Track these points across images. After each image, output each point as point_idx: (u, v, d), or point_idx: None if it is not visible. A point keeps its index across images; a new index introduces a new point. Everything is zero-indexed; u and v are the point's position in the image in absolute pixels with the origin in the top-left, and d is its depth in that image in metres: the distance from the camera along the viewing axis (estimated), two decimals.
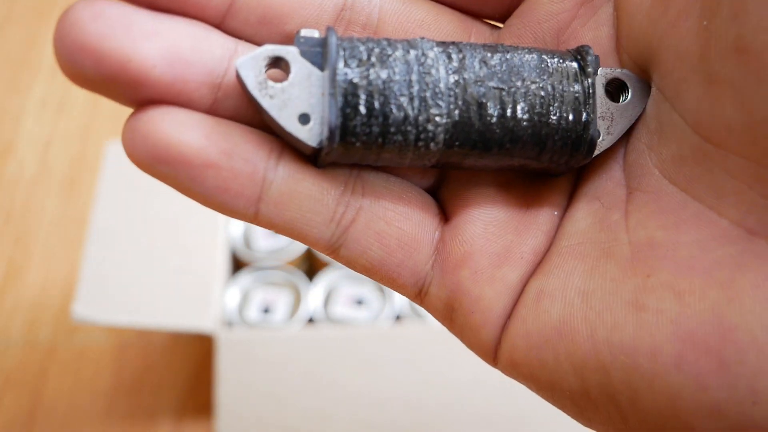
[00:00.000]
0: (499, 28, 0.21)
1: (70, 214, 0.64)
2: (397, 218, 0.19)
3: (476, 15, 0.21)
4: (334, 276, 0.54)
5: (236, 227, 0.56)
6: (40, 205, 0.65)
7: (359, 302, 0.53)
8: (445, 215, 0.20)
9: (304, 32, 0.18)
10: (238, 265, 0.56)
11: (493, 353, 0.19)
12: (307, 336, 0.50)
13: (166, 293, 0.50)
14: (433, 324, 0.50)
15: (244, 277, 0.54)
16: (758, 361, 0.15)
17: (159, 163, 0.17)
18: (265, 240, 0.56)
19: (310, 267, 0.57)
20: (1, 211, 0.65)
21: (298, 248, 0.55)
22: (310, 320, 0.52)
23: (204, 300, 0.50)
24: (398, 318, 0.53)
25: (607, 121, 0.19)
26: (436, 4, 0.21)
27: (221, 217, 0.54)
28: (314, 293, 0.53)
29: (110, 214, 0.52)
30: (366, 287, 0.54)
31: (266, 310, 0.53)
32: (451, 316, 0.19)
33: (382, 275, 0.19)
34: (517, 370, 0.18)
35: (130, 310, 0.48)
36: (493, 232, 0.19)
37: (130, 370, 0.56)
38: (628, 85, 0.19)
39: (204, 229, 0.53)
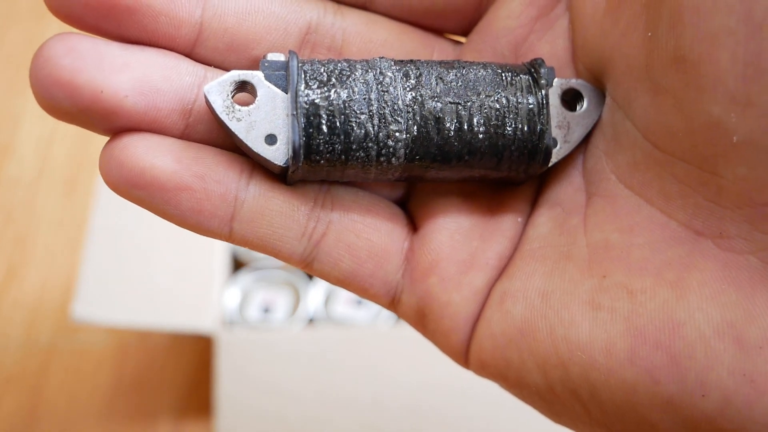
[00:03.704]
0: (461, 43, 0.22)
1: (70, 214, 0.64)
2: (366, 230, 0.20)
3: (439, 31, 0.22)
4: None
5: None
6: (40, 205, 0.65)
7: (359, 302, 0.53)
8: (413, 226, 0.21)
9: (270, 56, 0.18)
10: (238, 265, 0.56)
11: (464, 355, 0.20)
12: (307, 336, 0.50)
13: (166, 293, 0.50)
14: None
15: (244, 277, 0.54)
16: (706, 356, 0.16)
17: (134, 188, 0.18)
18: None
19: None
20: (1, 211, 0.65)
21: None
22: (310, 320, 0.52)
23: (204, 300, 0.50)
24: (398, 318, 0.52)
25: (564, 130, 0.19)
26: (398, 24, 0.21)
27: None
28: (314, 293, 0.53)
29: (110, 214, 0.52)
30: None
31: (266, 310, 0.53)
32: (423, 322, 0.20)
33: (355, 286, 0.20)
34: (486, 370, 0.19)
35: (130, 310, 0.48)
36: (459, 240, 0.20)
37: (130, 370, 0.56)
38: (584, 95, 0.19)
39: None
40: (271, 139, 0.18)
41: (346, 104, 0.18)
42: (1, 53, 0.73)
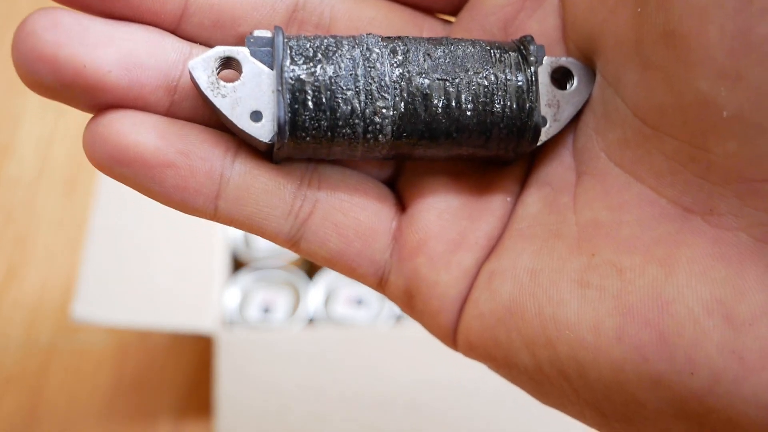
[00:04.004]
0: (451, 23, 0.22)
1: (70, 214, 0.64)
2: (353, 209, 0.19)
3: (428, 10, 0.22)
4: (334, 276, 0.54)
5: None
6: (40, 205, 0.65)
7: (359, 302, 0.53)
8: (402, 205, 0.21)
9: (257, 33, 0.18)
10: (238, 265, 0.56)
11: (452, 336, 0.20)
12: (307, 336, 0.50)
13: (166, 293, 0.50)
14: None
15: (244, 277, 0.54)
16: (695, 333, 0.15)
17: (118, 165, 0.17)
18: (265, 239, 0.56)
19: (310, 267, 0.57)
20: (1, 211, 0.65)
21: None
22: (310, 320, 0.52)
23: (204, 300, 0.50)
24: (398, 318, 0.52)
25: (554, 109, 0.19)
26: (387, 2, 0.21)
27: None
28: (314, 293, 0.53)
29: (110, 214, 0.52)
30: (366, 287, 0.54)
31: (266, 310, 0.53)
32: (411, 302, 0.20)
33: (343, 265, 0.20)
34: (474, 350, 0.19)
35: (130, 310, 0.48)
36: (448, 219, 0.20)
37: (130, 370, 0.56)
38: (574, 73, 0.19)
39: (204, 229, 0.53)
40: (256, 116, 0.18)
41: (332, 80, 0.18)
42: (1, 53, 0.73)
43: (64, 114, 0.71)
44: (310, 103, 0.18)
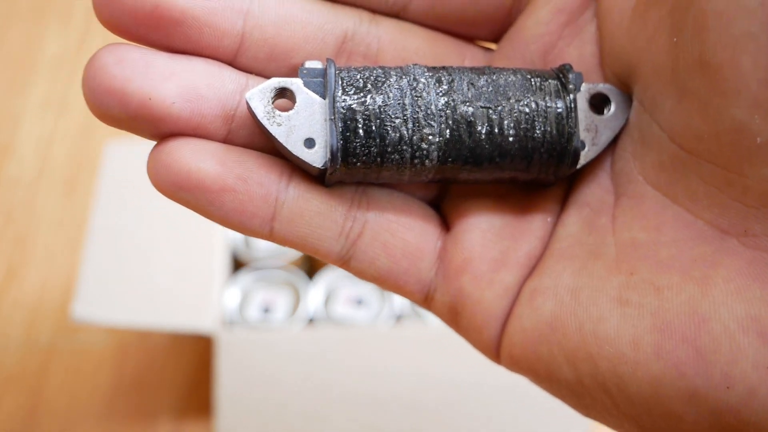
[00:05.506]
0: (492, 50, 0.23)
1: (70, 214, 0.64)
2: (401, 229, 0.20)
3: (470, 38, 0.22)
4: (334, 276, 0.54)
5: None
6: (40, 205, 0.65)
7: (359, 302, 0.53)
8: (446, 226, 0.21)
9: (308, 64, 0.19)
10: (238, 265, 0.56)
11: (495, 351, 0.20)
12: (307, 336, 0.50)
13: (166, 293, 0.50)
14: (433, 324, 0.50)
15: (244, 277, 0.54)
16: (731, 349, 0.16)
17: (181, 191, 0.18)
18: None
19: (310, 267, 0.57)
20: (1, 211, 0.65)
21: None
22: (310, 320, 0.52)
23: (204, 300, 0.50)
24: (398, 318, 0.53)
25: (592, 133, 0.20)
26: (431, 32, 0.22)
27: None
28: (314, 293, 0.53)
29: (110, 214, 0.52)
30: (366, 287, 0.54)
31: (266, 310, 0.53)
32: (456, 319, 0.21)
33: (391, 283, 0.21)
34: (517, 364, 0.20)
35: (130, 310, 0.48)
36: (491, 239, 0.21)
37: (130, 370, 0.56)
38: (611, 99, 0.20)
39: (204, 229, 0.53)
40: (309, 143, 0.19)
41: (382, 109, 0.19)
42: (1, 53, 0.73)
43: (64, 114, 0.71)
44: (360, 131, 0.19)
